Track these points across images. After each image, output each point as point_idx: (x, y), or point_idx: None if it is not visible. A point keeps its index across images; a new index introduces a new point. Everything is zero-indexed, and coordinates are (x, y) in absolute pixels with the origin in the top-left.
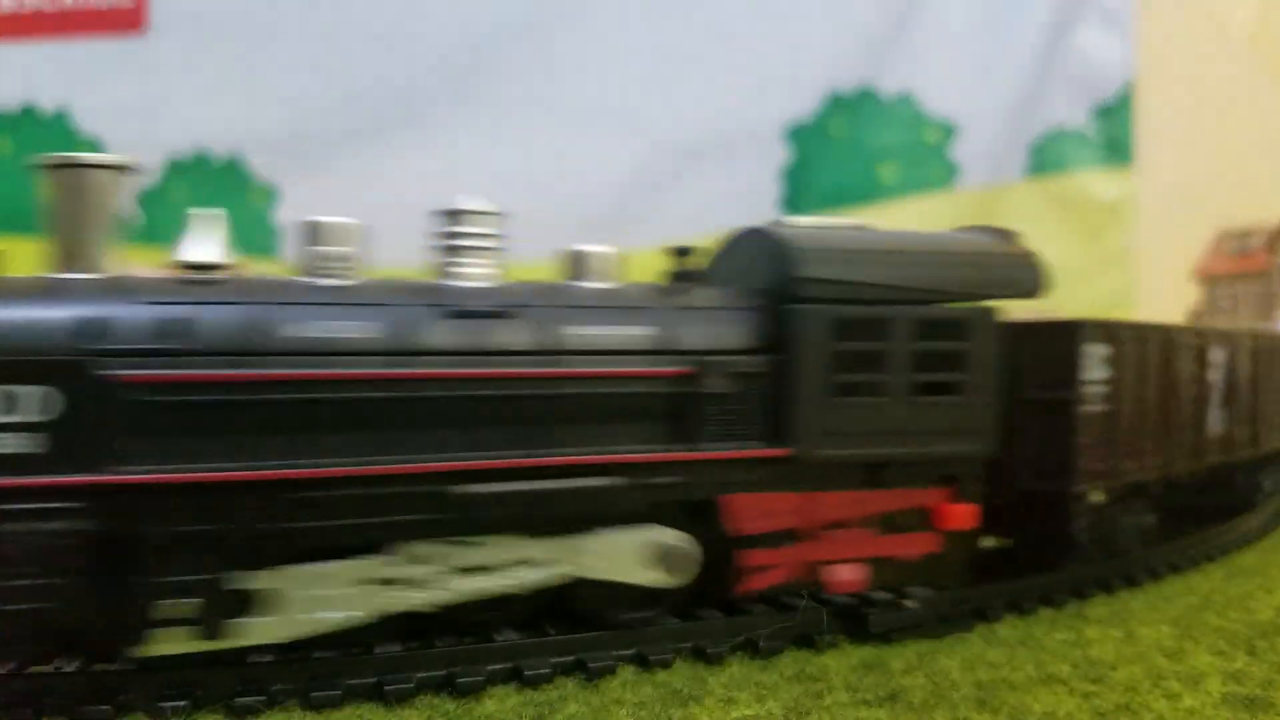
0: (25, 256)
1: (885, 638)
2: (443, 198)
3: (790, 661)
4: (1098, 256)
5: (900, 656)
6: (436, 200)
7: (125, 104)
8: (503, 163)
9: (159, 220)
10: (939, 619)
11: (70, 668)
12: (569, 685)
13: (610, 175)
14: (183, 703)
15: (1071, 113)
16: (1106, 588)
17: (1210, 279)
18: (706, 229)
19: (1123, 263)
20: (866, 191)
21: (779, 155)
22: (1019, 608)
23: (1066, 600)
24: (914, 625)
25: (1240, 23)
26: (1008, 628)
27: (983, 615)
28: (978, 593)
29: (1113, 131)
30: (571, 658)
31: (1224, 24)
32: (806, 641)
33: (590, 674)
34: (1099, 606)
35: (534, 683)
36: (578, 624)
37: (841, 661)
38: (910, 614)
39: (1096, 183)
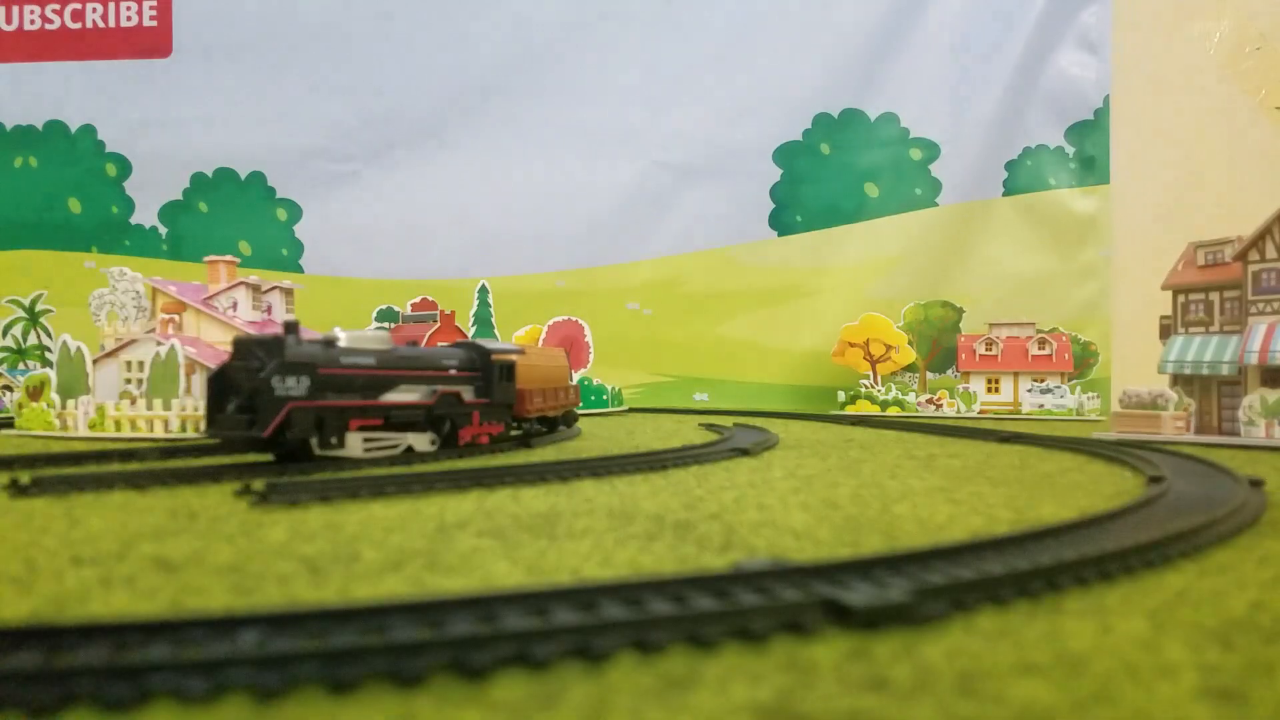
0: (49, 269)
1: (872, 626)
2: (454, 213)
3: (781, 649)
4: (1073, 269)
5: (885, 645)
6: (448, 216)
7: (150, 122)
8: (511, 181)
9: (182, 234)
10: (917, 606)
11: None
12: (571, 672)
13: (612, 193)
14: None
15: (1049, 131)
16: (1083, 581)
17: (1183, 289)
18: (702, 244)
19: (1098, 275)
20: (854, 208)
21: (770, 174)
22: (997, 598)
23: (1044, 593)
24: (897, 614)
25: (1216, 42)
26: (986, 619)
27: (961, 605)
28: (954, 583)
29: (1089, 149)
30: (574, 644)
31: (1199, 43)
32: (797, 629)
33: (593, 659)
34: (1075, 600)
35: (541, 667)
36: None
37: (830, 650)
38: (895, 604)
39: (1072, 198)
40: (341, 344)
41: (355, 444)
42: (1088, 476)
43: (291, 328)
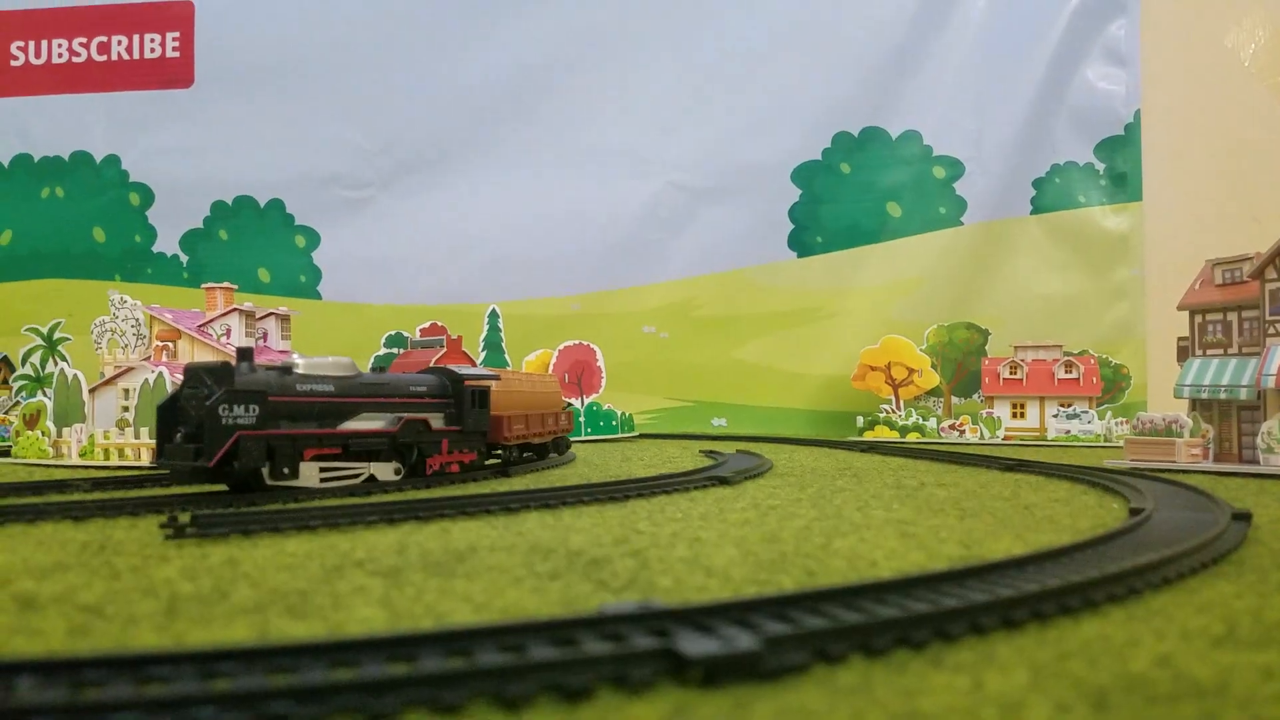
0: (75, 297)
1: (711, 680)
2: (468, 238)
3: (600, 707)
4: (1105, 289)
5: (714, 703)
6: (463, 241)
7: (172, 151)
8: (525, 205)
9: (203, 262)
10: (767, 657)
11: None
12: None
13: (627, 215)
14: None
15: (1078, 148)
16: (979, 630)
17: (1200, 309)
18: (720, 265)
19: (1130, 295)
20: (876, 228)
21: (788, 194)
22: (870, 648)
23: (929, 642)
24: (744, 665)
25: (1252, 52)
26: (851, 671)
27: (826, 655)
28: (818, 633)
29: (1120, 165)
30: (348, 704)
31: (1233, 54)
32: (623, 683)
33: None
34: (964, 650)
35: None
36: None
37: (651, 708)
38: (740, 654)
39: (1104, 216)
40: (298, 370)
41: (310, 474)
42: (1072, 509)
43: (245, 354)
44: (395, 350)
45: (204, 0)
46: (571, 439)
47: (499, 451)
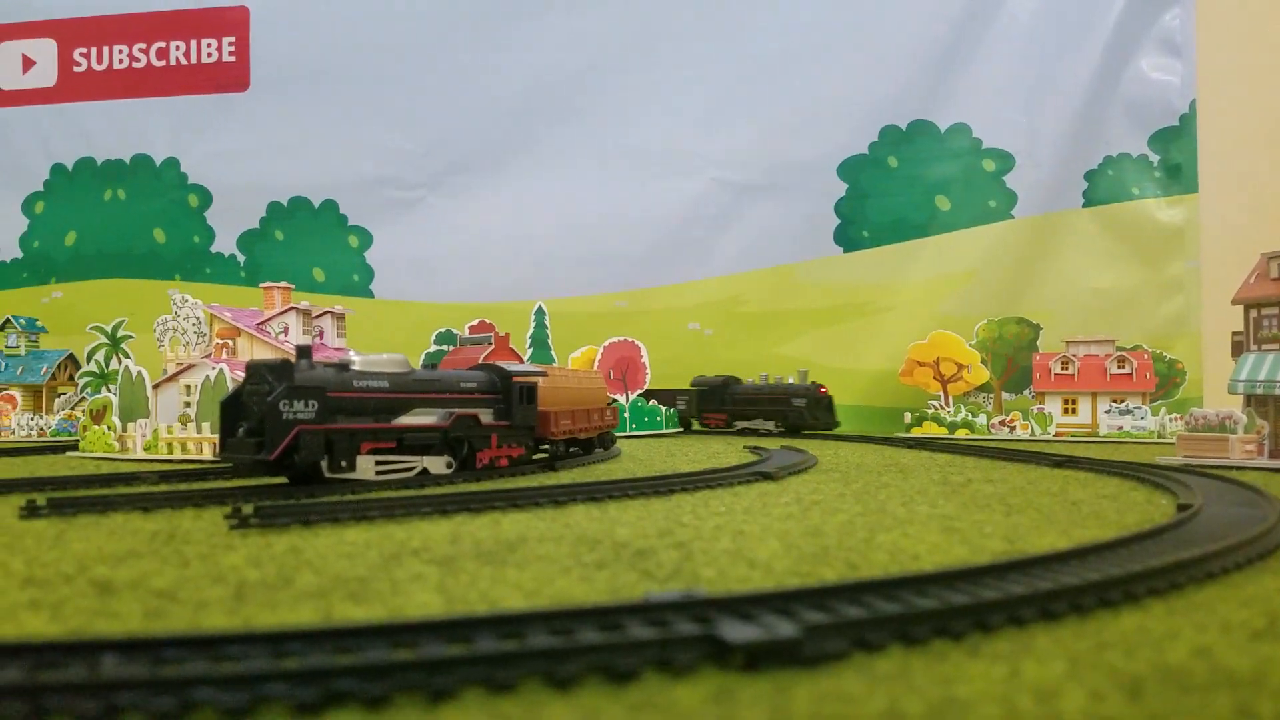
0: (137, 297)
1: (753, 666)
2: (515, 236)
3: (646, 689)
4: (1159, 283)
5: (756, 687)
6: (509, 239)
7: (229, 153)
8: (570, 203)
9: (260, 262)
10: (807, 644)
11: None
12: (409, 713)
13: (671, 212)
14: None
15: (1131, 139)
16: (1017, 621)
17: (1255, 303)
18: (765, 261)
19: (1185, 289)
20: (924, 222)
21: (834, 189)
22: (906, 637)
23: (968, 632)
24: (784, 652)
25: None
26: (889, 659)
27: (865, 644)
28: (849, 621)
29: (1175, 156)
30: (411, 683)
31: None
32: (668, 667)
33: (433, 697)
34: (1002, 641)
35: (376, 703)
36: None
37: (695, 690)
38: (780, 641)
39: (1158, 208)
40: (355, 367)
41: (367, 467)
42: (1120, 505)
43: (304, 352)
44: (445, 347)
45: (258, 6)
46: (616, 434)
47: (546, 446)
